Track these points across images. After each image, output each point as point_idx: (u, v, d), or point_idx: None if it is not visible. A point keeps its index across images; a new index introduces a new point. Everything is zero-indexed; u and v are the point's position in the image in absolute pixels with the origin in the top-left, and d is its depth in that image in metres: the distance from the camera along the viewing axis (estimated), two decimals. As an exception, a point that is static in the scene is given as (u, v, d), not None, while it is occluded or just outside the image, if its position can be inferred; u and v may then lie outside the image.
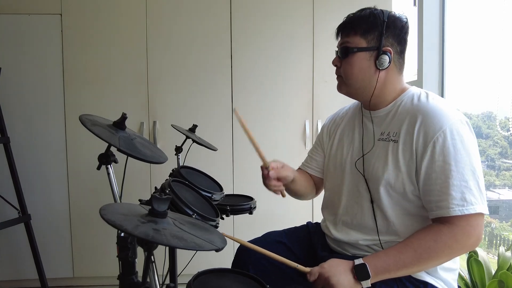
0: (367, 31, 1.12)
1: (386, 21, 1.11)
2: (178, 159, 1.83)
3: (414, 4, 2.25)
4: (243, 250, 1.32)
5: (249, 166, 2.54)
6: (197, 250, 0.75)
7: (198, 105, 2.52)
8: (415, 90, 1.17)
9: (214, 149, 1.84)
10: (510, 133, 1.99)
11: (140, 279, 0.90)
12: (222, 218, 1.46)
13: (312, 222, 1.43)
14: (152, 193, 1.20)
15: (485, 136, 2.20)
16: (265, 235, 1.39)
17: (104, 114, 1.35)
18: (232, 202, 1.71)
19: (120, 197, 1.23)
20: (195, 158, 2.00)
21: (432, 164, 1.02)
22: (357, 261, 1.02)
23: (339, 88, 1.22)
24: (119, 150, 1.09)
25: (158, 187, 1.35)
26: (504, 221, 2.20)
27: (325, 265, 1.04)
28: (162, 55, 2.49)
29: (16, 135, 2.39)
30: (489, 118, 2.19)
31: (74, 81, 2.47)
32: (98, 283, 2.57)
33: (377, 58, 1.11)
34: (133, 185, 2.40)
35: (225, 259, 2.22)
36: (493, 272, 1.74)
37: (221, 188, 1.71)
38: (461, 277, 1.78)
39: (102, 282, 2.55)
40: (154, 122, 2.50)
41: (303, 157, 1.52)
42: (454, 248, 0.99)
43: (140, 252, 0.86)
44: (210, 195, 1.51)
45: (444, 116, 1.04)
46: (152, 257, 0.95)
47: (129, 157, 1.12)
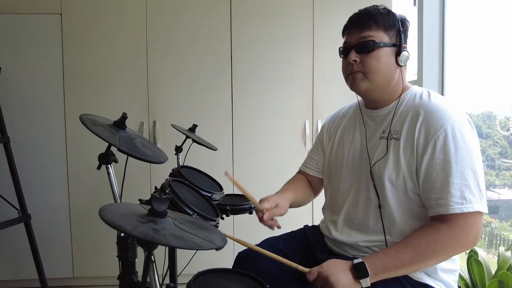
0: (388, 27, 1.11)
1: (400, 19, 1.13)
2: (178, 159, 1.83)
3: (414, 4, 2.25)
4: (242, 257, 1.32)
5: (249, 166, 2.54)
6: (197, 250, 0.75)
7: (198, 104, 2.52)
8: (417, 89, 1.17)
9: (214, 149, 1.84)
10: (510, 133, 1.99)
11: (140, 279, 0.90)
12: (222, 218, 1.45)
13: (309, 226, 1.43)
14: (152, 193, 1.20)
15: (485, 136, 2.20)
16: (262, 242, 1.39)
17: (104, 114, 1.35)
18: (232, 202, 1.71)
19: (120, 197, 1.23)
20: (195, 158, 2.00)
21: (432, 162, 1.02)
22: (356, 260, 1.02)
23: (358, 85, 1.13)
24: (119, 150, 1.09)
25: (158, 187, 1.35)
26: (504, 221, 2.20)
27: (324, 265, 1.04)
28: (162, 54, 2.49)
29: (16, 135, 2.39)
30: (489, 118, 2.19)
31: (74, 80, 2.47)
32: (98, 283, 2.57)
33: (398, 55, 1.11)
34: (133, 185, 2.40)
35: (225, 259, 2.22)
36: (493, 272, 1.74)
37: (221, 188, 1.71)
38: (461, 277, 1.78)
39: (102, 282, 2.55)
40: (154, 122, 2.50)
41: (303, 157, 1.52)
42: (453, 246, 0.99)
43: (140, 252, 0.86)
44: (210, 195, 1.50)
45: (446, 114, 1.04)
46: (152, 257, 0.95)
47: (129, 157, 1.12)
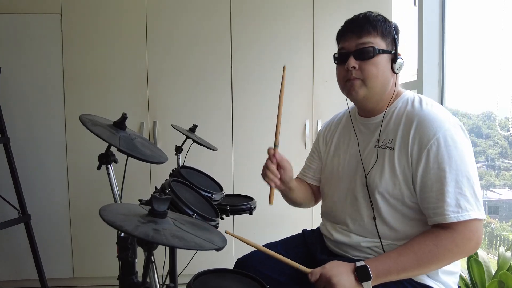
0: (385, 34, 1.12)
1: (395, 26, 1.14)
2: (178, 159, 1.83)
3: (414, 4, 2.25)
4: (242, 262, 1.31)
5: (249, 166, 2.54)
6: (197, 250, 0.75)
7: (198, 105, 2.52)
8: (409, 94, 1.17)
9: (214, 149, 1.84)
10: (510, 133, 1.99)
11: (140, 279, 0.90)
12: (222, 218, 1.45)
13: (307, 230, 1.43)
14: (152, 193, 1.20)
15: (485, 136, 2.20)
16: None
17: (104, 114, 1.35)
18: (232, 202, 1.71)
19: (120, 197, 1.23)
20: (195, 158, 2.00)
21: (427, 172, 1.02)
22: (359, 263, 1.03)
23: (356, 92, 1.12)
24: (119, 150, 1.09)
25: (158, 187, 1.35)
26: (504, 221, 2.20)
27: (326, 266, 1.04)
28: (162, 55, 2.49)
29: (16, 135, 2.39)
30: (489, 118, 2.19)
31: (74, 81, 2.47)
32: (98, 283, 2.57)
33: (394, 62, 1.12)
34: (133, 185, 2.40)
35: (225, 259, 2.22)
36: (493, 272, 1.74)
37: (221, 188, 1.71)
38: (461, 278, 1.78)
39: (102, 282, 2.55)
40: (154, 122, 2.50)
41: (303, 157, 1.52)
42: (454, 252, 1.00)
43: (140, 252, 0.86)
44: (210, 195, 1.50)
45: (438, 122, 1.04)
46: (152, 257, 0.95)
47: (129, 157, 1.12)
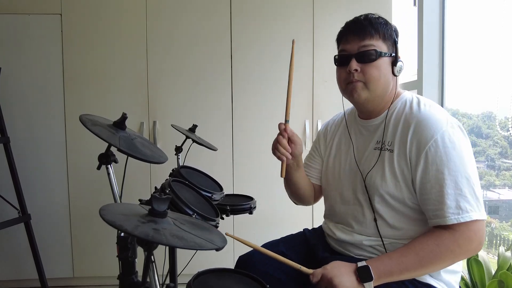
0: (387, 37, 1.12)
1: (395, 29, 1.14)
2: (178, 159, 1.83)
3: (414, 4, 2.25)
4: (243, 261, 1.31)
5: (249, 166, 2.54)
6: (197, 250, 0.75)
7: (198, 105, 2.52)
8: (408, 95, 1.17)
9: (214, 149, 1.84)
10: (510, 133, 1.99)
11: (140, 279, 0.90)
12: (222, 218, 1.45)
13: (309, 229, 1.43)
14: (152, 193, 1.20)
15: (485, 136, 2.20)
16: (262, 246, 1.38)
17: (104, 114, 1.35)
18: (232, 202, 1.71)
19: (120, 197, 1.23)
20: (195, 158, 2.00)
21: (426, 174, 1.02)
22: (360, 263, 1.02)
23: (358, 94, 1.12)
24: (119, 150, 1.09)
25: (158, 187, 1.35)
26: (504, 221, 2.20)
27: (327, 267, 1.04)
28: (162, 55, 2.49)
29: (16, 135, 2.39)
30: (489, 118, 2.19)
31: (74, 81, 2.47)
32: (98, 283, 2.57)
33: (394, 65, 1.12)
34: (133, 185, 2.40)
35: (225, 259, 2.22)
36: (493, 272, 1.74)
37: (221, 188, 1.71)
38: (461, 277, 1.77)
39: (102, 282, 2.55)
40: (154, 122, 2.50)
41: (303, 157, 1.51)
42: (457, 252, 0.99)
43: (140, 252, 0.86)
44: (210, 195, 1.50)
45: (435, 124, 1.03)
46: (152, 257, 0.95)
47: (129, 157, 1.12)
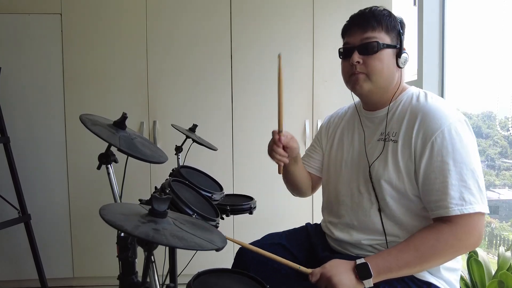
0: (390, 28, 1.12)
1: (400, 21, 1.14)
2: (178, 159, 1.83)
3: (414, 4, 2.25)
4: (243, 253, 1.31)
5: (249, 166, 2.54)
6: (197, 250, 0.75)
7: (198, 104, 2.52)
8: (414, 89, 1.17)
9: (214, 149, 1.84)
10: (510, 133, 1.99)
11: (140, 279, 0.90)
12: (222, 218, 1.45)
13: (311, 224, 1.43)
14: (152, 193, 1.20)
15: (485, 136, 2.20)
16: (264, 237, 1.38)
17: (104, 114, 1.35)
18: (232, 202, 1.71)
19: (120, 197, 1.23)
20: (195, 158, 2.00)
21: (430, 164, 1.02)
22: (359, 261, 1.02)
23: (361, 86, 1.12)
24: (119, 149, 1.09)
25: (158, 187, 1.35)
26: (504, 221, 2.20)
27: (326, 266, 1.04)
28: (162, 54, 2.49)
29: (16, 135, 2.39)
30: (489, 118, 2.19)
31: (74, 81, 2.47)
32: (98, 283, 2.57)
33: (398, 57, 1.12)
34: (133, 185, 2.40)
35: (225, 259, 2.22)
36: (493, 272, 1.74)
37: (221, 188, 1.71)
38: (461, 277, 1.77)
39: (102, 282, 2.55)
40: (154, 122, 2.50)
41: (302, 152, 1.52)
42: (456, 246, 0.99)
43: (140, 252, 0.86)
44: (210, 195, 1.50)
45: (443, 116, 1.04)
46: (152, 257, 0.95)
47: (129, 157, 1.12)
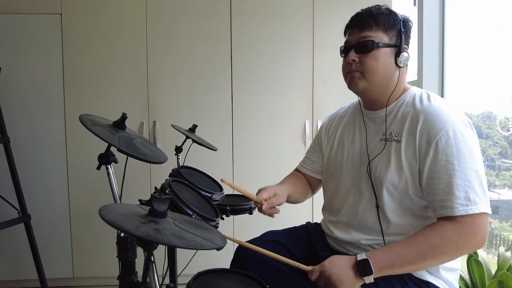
0: (388, 27, 1.12)
1: (402, 20, 1.13)
2: (178, 159, 1.83)
3: (414, 4, 2.25)
4: (242, 250, 1.31)
5: (249, 166, 2.54)
6: (198, 249, 0.75)
7: (198, 105, 2.52)
8: (417, 90, 1.17)
9: (214, 149, 1.84)
10: (510, 133, 1.99)
11: (140, 279, 0.90)
12: (222, 218, 1.45)
13: (311, 222, 1.43)
14: (152, 193, 1.20)
15: (485, 136, 2.20)
16: (264, 234, 1.39)
17: (104, 114, 1.35)
18: (232, 202, 1.71)
19: (120, 197, 1.23)
20: (195, 158, 1.99)
21: (435, 164, 1.02)
22: (360, 257, 1.01)
23: (355, 83, 1.13)
24: (119, 150, 1.09)
25: (158, 187, 1.35)
26: (504, 221, 2.20)
27: (325, 263, 1.03)
28: (162, 55, 2.49)
29: (16, 135, 2.39)
30: (489, 118, 2.19)
31: (74, 81, 2.47)
32: (98, 283, 2.57)
33: (397, 56, 1.12)
34: (133, 185, 2.40)
35: (225, 259, 2.21)
36: (493, 272, 1.74)
37: (221, 188, 1.70)
38: (461, 277, 1.78)
39: (102, 282, 2.55)
40: (154, 122, 2.50)
41: (302, 157, 1.52)
42: (459, 245, 0.98)
43: (140, 252, 0.86)
44: (210, 195, 1.50)
45: (447, 117, 1.04)
46: (152, 257, 0.95)
47: (129, 157, 1.12)
